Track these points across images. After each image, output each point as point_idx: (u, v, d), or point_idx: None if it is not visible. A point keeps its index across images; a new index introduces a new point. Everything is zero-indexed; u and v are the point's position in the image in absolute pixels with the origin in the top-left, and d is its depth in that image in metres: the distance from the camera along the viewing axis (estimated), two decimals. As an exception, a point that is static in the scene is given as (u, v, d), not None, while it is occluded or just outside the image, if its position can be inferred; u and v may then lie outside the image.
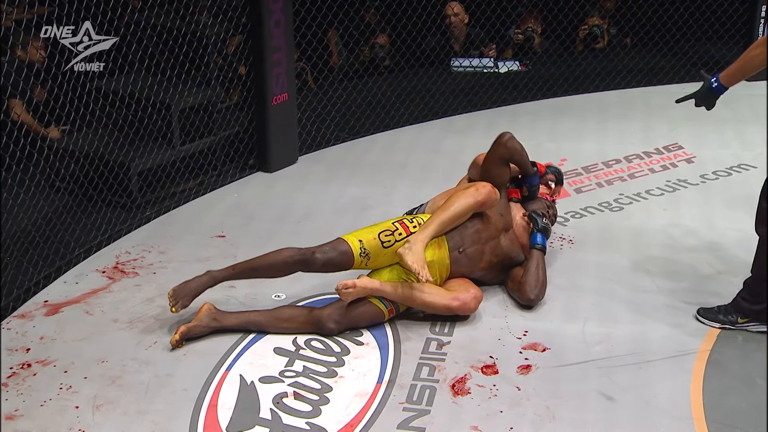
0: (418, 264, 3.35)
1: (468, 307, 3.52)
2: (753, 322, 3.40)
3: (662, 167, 5.06)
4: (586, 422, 2.97)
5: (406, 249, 3.39)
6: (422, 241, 3.43)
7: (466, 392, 3.13)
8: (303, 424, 2.98)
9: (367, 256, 3.48)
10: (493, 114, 6.00)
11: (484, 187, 3.59)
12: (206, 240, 4.29)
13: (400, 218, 3.64)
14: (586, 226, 4.36)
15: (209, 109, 4.84)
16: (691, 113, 5.84)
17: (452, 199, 3.57)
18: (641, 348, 3.36)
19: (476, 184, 3.66)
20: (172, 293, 3.41)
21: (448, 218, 3.51)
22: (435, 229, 3.48)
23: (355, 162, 5.28)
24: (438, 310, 3.51)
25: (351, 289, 3.37)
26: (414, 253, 3.38)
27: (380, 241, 3.49)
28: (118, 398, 3.11)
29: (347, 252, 3.47)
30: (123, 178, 4.50)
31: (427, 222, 3.51)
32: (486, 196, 3.57)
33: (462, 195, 3.57)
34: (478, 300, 3.54)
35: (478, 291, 3.56)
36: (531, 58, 6.98)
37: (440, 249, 3.54)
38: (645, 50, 6.87)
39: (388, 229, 3.53)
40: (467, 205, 3.54)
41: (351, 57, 6.72)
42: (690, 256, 4.04)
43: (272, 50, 4.83)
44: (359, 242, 3.48)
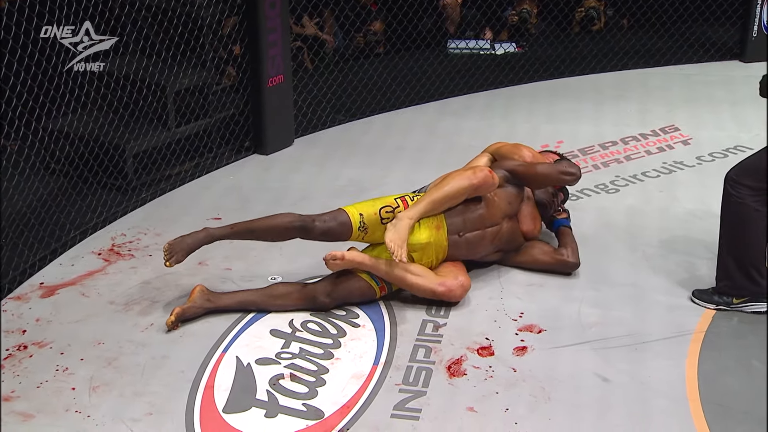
0: (395, 243, 3.33)
1: (453, 295, 3.50)
2: (750, 301, 3.41)
3: (658, 149, 5.05)
4: (581, 403, 2.98)
5: (391, 225, 3.39)
6: (409, 218, 3.40)
7: (462, 374, 3.14)
8: (299, 405, 2.99)
9: (365, 229, 3.48)
10: (489, 96, 5.99)
11: (482, 171, 3.55)
12: (202, 222, 4.27)
13: (403, 194, 3.62)
14: (582, 208, 4.36)
15: (204, 91, 4.82)
16: (687, 95, 5.87)
17: (447, 180, 3.55)
18: (636, 329, 3.37)
19: (475, 167, 3.63)
20: (168, 247, 3.40)
21: (439, 198, 3.48)
22: (425, 207, 3.46)
23: (351, 144, 5.26)
24: (423, 293, 3.49)
25: (339, 260, 3.39)
26: (396, 231, 3.36)
27: (380, 217, 3.49)
28: (114, 380, 3.11)
29: (346, 223, 3.47)
30: (118, 159, 4.48)
31: (419, 199, 3.50)
32: (482, 180, 3.53)
33: (457, 176, 3.55)
34: (465, 288, 3.52)
35: (466, 279, 3.54)
36: (527, 39, 6.95)
37: (438, 231, 3.54)
38: (642, 32, 6.85)
39: (390, 205, 3.52)
40: (461, 187, 3.51)
41: (346, 40, 6.68)
42: (686, 238, 4.05)
43: (267, 31, 4.81)
44: (360, 215, 3.48)
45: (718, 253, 3.44)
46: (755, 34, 6.28)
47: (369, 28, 6.69)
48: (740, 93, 5.82)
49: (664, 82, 6.13)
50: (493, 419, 2.91)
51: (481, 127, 5.43)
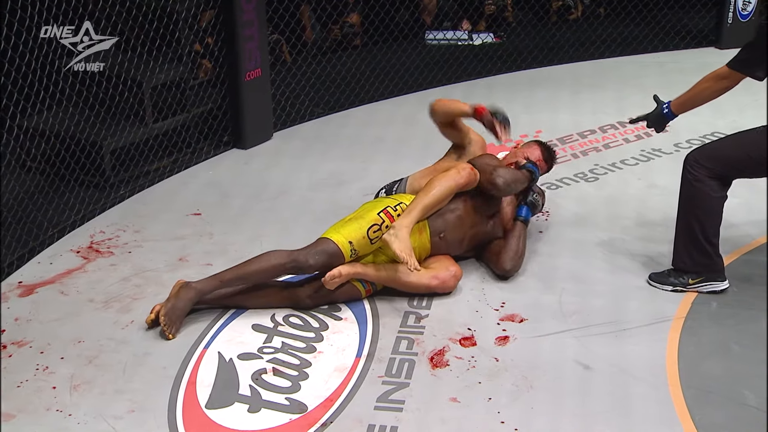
0: (405, 253, 3.32)
1: (447, 286, 3.53)
2: (706, 282, 3.46)
3: (636, 137, 5.08)
4: (563, 391, 2.99)
5: (392, 236, 3.35)
6: (407, 227, 3.39)
7: (445, 364, 3.15)
8: (282, 399, 2.99)
9: (356, 252, 3.45)
10: (468, 87, 5.99)
11: (464, 169, 3.56)
12: (182, 218, 4.26)
13: (384, 206, 3.54)
14: (561, 197, 4.38)
15: (182, 86, 4.79)
16: (663, 82, 5.90)
17: (434, 183, 3.53)
18: (617, 317, 3.39)
19: (457, 165, 3.63)
20: (165, 319, 3.25)
21: (431, 203, 3.48)
22: (419, 214, 3.45)
23: (331, 137, 5.25)
24: (418, 289, 3.52)
25: (337, 279, 3.38)
26: (400, 241, 3.34)
27: (369, 239, 3.44)
28: (95, 378, 3.09)
29: (337, 254, 3.39)
30: (95, 157, 4.45)
31: (410, 207, 3.46)
32: (467, 178, 3.55)
33: (444, 178, 3.53)
34: (457, 278, 3.55)
35: (457, 269, 3.57)
36: (505, 29, 6.96)
37: (422, 234, 3.54)
38: (618, 20, 6.87)
39: (375, 224, 3.45)
40: (449, 189, 3.51)
41: (324, 32, 6.66)
42: (665, 225, 4.06)
43: (244, 25, 4.78)
44: (349, 243, 3.40)
45: (675, 232, 3.50)
46: (730, 20, 6.32)
47: (346, 21, 6.66)
48: (716, 80, 5.84)
49: (640, 69, 6.16)
50: (475, 409, 2.91)
51: (460, 117, 5.43)
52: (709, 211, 3.38)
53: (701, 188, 3.36)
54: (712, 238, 3.41)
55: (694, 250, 3.44)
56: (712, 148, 3.45)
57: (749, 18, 6.32)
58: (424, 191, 3.51)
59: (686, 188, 3.42)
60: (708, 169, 3.35)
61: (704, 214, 3.38)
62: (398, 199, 3.61)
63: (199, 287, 3.33)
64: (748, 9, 6.31)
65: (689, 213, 3.41)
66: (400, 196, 3.66)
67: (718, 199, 3.38)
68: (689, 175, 3.40)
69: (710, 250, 3.43)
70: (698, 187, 3.37)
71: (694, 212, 3.40)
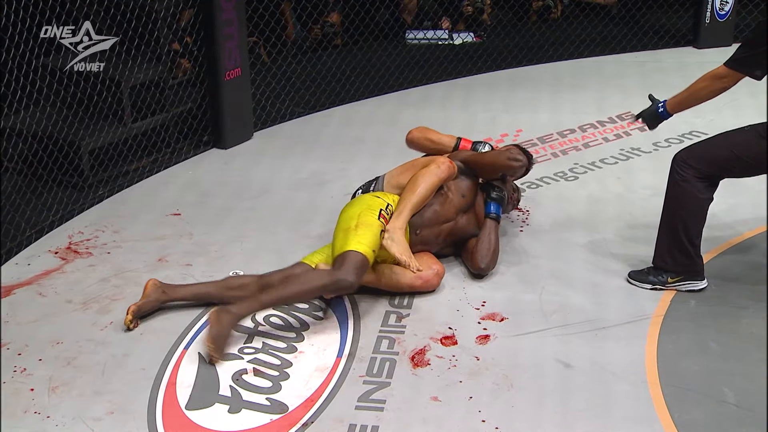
0: (405, 255, 3.35)
1: (431, 284, 3.54)
2: (685, 281, 3.48)
3: (616, 136, 5.11)
4: (543, 390, 3.00)
5: (389, 240, 3.36)
6: (401, 229, 3.42)
7: (426, 364, 3.15)
8: (263, 400, 2.98)
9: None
10: (448, 86, 6.00)
11: (444, 163, 3.60)
12: (161, 218, 4.24)
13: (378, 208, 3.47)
14: (541, 196, 4.39)
15: (161, 85, 4.76)
16: (642, 81, 5.94)
17: (417, 181, 3.54)
18: (597, 315, 3.41)
19: (435, 159, 3.65)
20: (215, 348, 3.11)
21: (418, 202, 3.52)
22: (409, 214, 3.48)
23: (311, 137, 5.24)
24: (401, 288, 3.52)
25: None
26: (398, 244, 3.36)
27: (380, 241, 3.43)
28: (74, 379, 3.07)
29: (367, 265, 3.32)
30: (73, 157, 4.41)
31: (400, 208, 3.48)
32: (447, 172, 3.59)
33: (426, 174, 3.55)
34: (440, 276, 3.56)
35: (440, 267, 3.58)
36: (485, 29, 6.98)
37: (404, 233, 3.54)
38: (597, 20, 6.91)
39: (382, 229, 3.41)
40: (433, 185, 3.55)
41: (304, 31, 6.64)
42: (644, 223, 4.09)
43: (223, 24, 4.76)
44: (373, 252, 3.33)
45: (659, 231, 3.51)
46: (708, 20, 6.37)
47: (326, 20, 6.65)
48: (694, 79, 5.86)
49: (619, 69, 6.19)
50: (456, 408, 2.92)
51: (440, 117, 5.44)
52: (693, 212, 3.38)
53: (688, 189, 3.36)
54: (694, 239, 3.43)
55: (676, 250, 3.45)
56: (699, 148, 3.43)
57: (726, 17, 6.37)
58: (410, 190, 3.53)
59: (673, 188, 3.43)
60: (696, 170, 3.35)
61: (689, 215, 3.39)
62: (384, 199, 3.58)
63: (239, 312, 3.17)
64: (726, 9, 6.36)
65: (674, 213, 3.42)
66: (384, 195, 3.64)
67: (704, 201, 3.39)
68: (677, 176, 3.40)
69: (691, 251, 3.44)
70: (685, 188, 3.37)
71: (679, 212, 3.40)
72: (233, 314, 3.16)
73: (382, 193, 3.69)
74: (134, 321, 3.33)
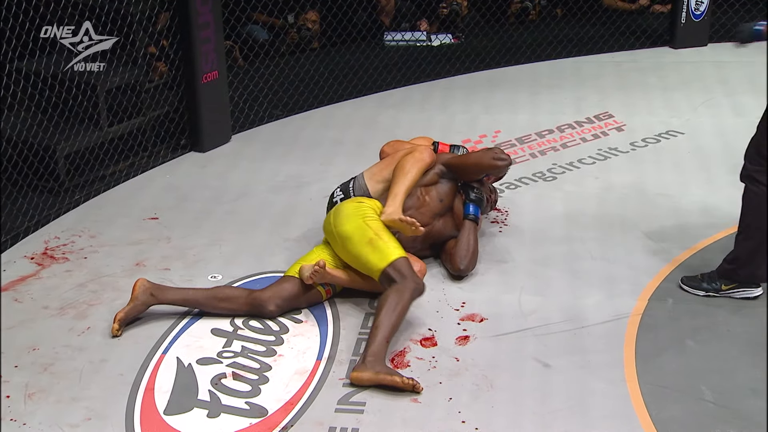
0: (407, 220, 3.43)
1: None
2: (739, 288, 3.44)
3: (593, 136, 5.13)
4: (523, 389, 3.01)
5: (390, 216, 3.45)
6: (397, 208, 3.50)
7: (406, 365, 3.14)
8: (242, 404, 2.96)
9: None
10: (427, 88, 6.00)
11: (426, 149, 3.69)
12: (138, 222, 4.21)
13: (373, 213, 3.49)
14: (520, 197, 4.40)
15: (137, 89, 4.73)
16: (619, 82, 5.97)
17: (405, 166, 3.60)
18: (575, 315, 3.42)
19: (416, 147, 3.71)
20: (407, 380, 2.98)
21: (410, 185, 3.60)
22: (403, 197, 3.56)
23: (290, 139, 5.23)
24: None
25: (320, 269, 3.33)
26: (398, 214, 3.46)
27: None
28: (51, 386, 3.04)
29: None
30: (49, 161, 4.38)
31: (394, 191, 3.54)
32: (430, 156, 3.70)
33: (411, 160, 3.62)
34: (422, 274, 3.55)
35: (422, 265, 3.58)
36: (463, 30, 6.99)
37: None
38: (574, 20, 6.94)
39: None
40: (420, 170, 3.63)
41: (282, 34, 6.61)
42: (622, 223, 4.12)
43: (200, 27, 4.74)
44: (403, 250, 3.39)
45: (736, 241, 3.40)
46: (684, 20, 6.41)
47: (302, 24, 6.63)
48: (671, 79, 5.94)
49: (597, 69, 6.23)
50: (436, 409, 2.92)
51: (419, 119, 5.45)
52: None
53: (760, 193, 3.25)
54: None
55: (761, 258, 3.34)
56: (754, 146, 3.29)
57: (702, 18, 6.42)
58: (401, 175, 3.58)
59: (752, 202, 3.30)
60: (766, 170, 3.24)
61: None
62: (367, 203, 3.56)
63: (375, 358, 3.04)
64: (701, 9, 6.41)
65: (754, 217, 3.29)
66: (363, 199, 3.62)
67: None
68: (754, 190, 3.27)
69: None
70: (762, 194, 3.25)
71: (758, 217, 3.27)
72: (376, 360, 3.04)
73: (360, 198, 3.66)
74: (120, 329, 3.28)
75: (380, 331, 3.10)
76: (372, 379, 2.99)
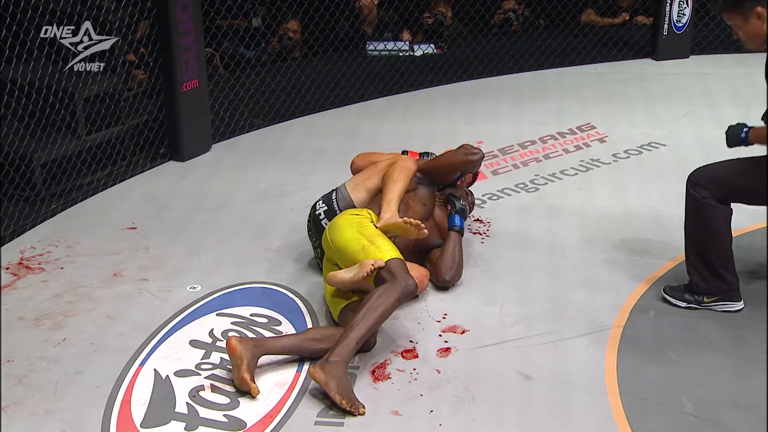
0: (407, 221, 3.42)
1: (422, 285, 3.55)
2: (720, 301, 3.42)
3: (576, 147, 5.13)
4: (504, 402, 2.98)
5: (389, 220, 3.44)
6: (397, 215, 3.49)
7: (387, 377, 3.11)
8: (221, 416, 2.92)
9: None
10: (409, 97, 5.99)
11: (409, 158, 3.72)
12: (116, 232, 4.16)
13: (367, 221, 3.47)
14: (503, 208, 4.39)
15: (116, 97, 4.69)
16: (602, 93, 5.99)
17: (393, 175, 3.60)
18: (557, 326, 3.40)
19: (399, 157, 3.74)
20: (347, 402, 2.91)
21: (401, 192, 3.59)
22: (397, 204, 3.55)
23: (271, 149, 5.19)
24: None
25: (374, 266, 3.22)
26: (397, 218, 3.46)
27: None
28: (25, 398, 2.99)
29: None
30: (25, 170, 4.32)
31: (387, 198, 3.54)
32: (414, 165, 3.72)
33: (398, 169, 3.62)
34: (425, 279, 3.57)
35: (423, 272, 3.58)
36: (446, 40, 6.99)
37: None
38: (557, 31, 6.96)
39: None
40: (407, 177, 3.64)
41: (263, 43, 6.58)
42: (604, 234, 4.11)
43: (180, 35, 4.70)
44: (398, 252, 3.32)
45: (685, 254, 3.44)
46: (666, 32, 6.44)
47: (283, 33, 6.60)
48: (653, 90, 5.95)
49: (579, 80, 6.24)
50: (417, 421, 2.89)
51: (402, 128, 5.43)
52: (717, 231, 3.30)
53: (707, 209, 3.28)
54: (724, 259, 3.35)
55: (708, 273, 3.38)
56: (712, 169, 3.35)
57: (684, 30, 6.45)
58: (391, 182, 3.58)
59: (692, 209, 3.35)
60: (709, 191, 3.29)
61: (714, 235, 3.30)
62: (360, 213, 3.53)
63: (342, 358, 2.99)
64: (683, 21, 6.44)
65: (698, 234, 3.34)
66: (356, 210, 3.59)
67: (726, 217, 3.31)
68: (693, 197, 3.32)
69: (724, 273, 3.36)
70: (705, 209, 3.29)
71: (703, 233, 3.32)
72: (339, 361, 2.98)
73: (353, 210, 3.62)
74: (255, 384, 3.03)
75: (353, 331, 3.03)
76: (322, 384, 2.95)
